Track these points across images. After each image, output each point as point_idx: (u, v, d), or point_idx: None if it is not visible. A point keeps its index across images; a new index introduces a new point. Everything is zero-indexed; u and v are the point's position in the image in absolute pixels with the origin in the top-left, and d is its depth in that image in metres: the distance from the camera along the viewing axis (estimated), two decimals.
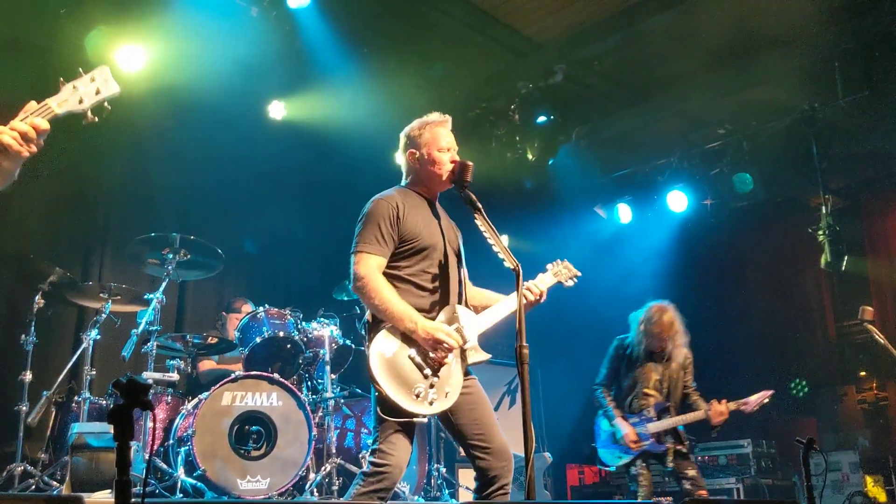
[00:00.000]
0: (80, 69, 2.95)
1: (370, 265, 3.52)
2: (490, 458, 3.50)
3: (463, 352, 3.56)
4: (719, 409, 5.85)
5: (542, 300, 3.83)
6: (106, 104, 2.94)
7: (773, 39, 7.62)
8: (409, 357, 3.45)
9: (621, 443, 5.94)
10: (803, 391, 9.58)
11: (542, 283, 3.86)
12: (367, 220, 3.60)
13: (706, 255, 10.31)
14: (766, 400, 6.01)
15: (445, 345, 3.41)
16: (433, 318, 3.57)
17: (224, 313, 7.05)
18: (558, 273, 4.00)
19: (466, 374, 3.64)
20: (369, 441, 3.54)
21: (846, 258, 7.94)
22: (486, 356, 3.62)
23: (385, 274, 3.58)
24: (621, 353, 6.25)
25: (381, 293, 3.46)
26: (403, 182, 3.89)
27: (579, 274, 4.10)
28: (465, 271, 3.89)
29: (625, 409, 6.07)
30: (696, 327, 9.73)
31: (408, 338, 3.47)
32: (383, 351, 3.44)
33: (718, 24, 7.49)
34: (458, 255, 3.81)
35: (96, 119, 2.92)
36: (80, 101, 2.90)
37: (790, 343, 10.03)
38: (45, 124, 2.76)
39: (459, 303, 3.72)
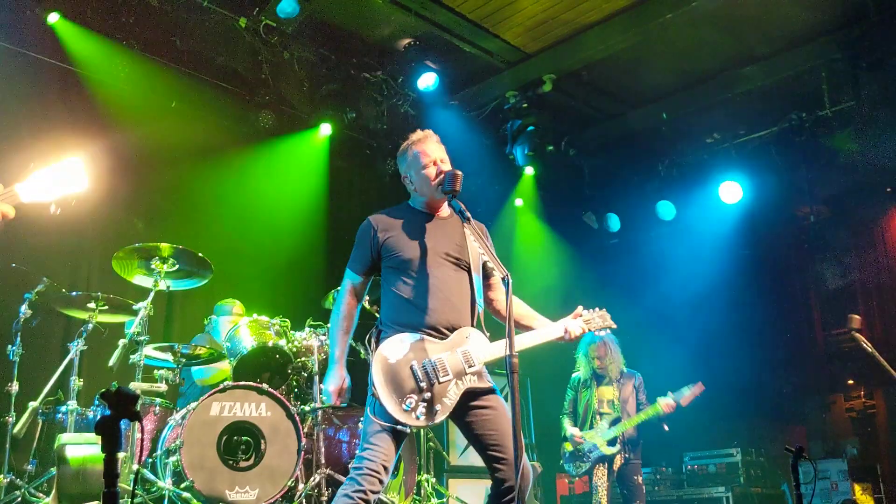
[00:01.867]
0: (52, 160, 2.90)
1: (345, 284, 3.82)
2: (507, 469, 3.54)
3: (465, 375, 3.57)
4: (667, 402, 6.61)
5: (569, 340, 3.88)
6: (72, 202, 2.92)
7: (761, 50, 7.68)
8: (411, 367, 3.50)
9: (572, 443, 6.86)
10: None
11: (575, 330, 3.85)
12: (355, 242, 3.86)
13: (692, 265, 10.34)
14: (699, 393, 6.71)
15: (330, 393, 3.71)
16: (426, 334, 3.59)
17: (214, 316, 7.00)
18: (590, 321, 3.97)
19: (490, 391, 3.69)
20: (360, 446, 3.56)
21: (833, 267, 7.99)
22: (487, 384, 3.64)
23: (384, 291, 3.77)
24: (576, 385, 7.12)
25: (335, 313, 3.80)
26: (410, 200, 3.96)
27: (614, 326, 4.07)
28: (494, 279, 3.91)
29: (584, 428, 6.91)
30: (683, 337, 9.81)
31: (415, 348, 3.53)
32: (388, 356, 3.52)
33: (707, 35, 7.55)
34: (466, 269, 3.78)
35: (59, 211, 2.90)
36: (47, 193, 2.87)
37: (778, 352, 10.06)
38: (11, 213, 2.75)
39: (471, 317, 3.72)
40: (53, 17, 6.60)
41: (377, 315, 4.32)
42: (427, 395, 3.47)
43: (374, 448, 3.47)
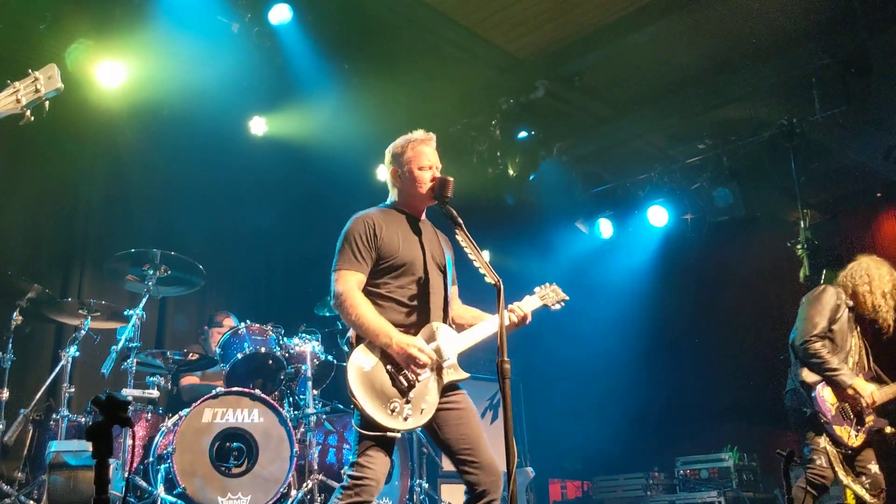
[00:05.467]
0: (30, 70, 2.87)
1: (348, 282, 3.57)
2: (478, 473, 3.50)
3: (441, 369, 3.56)
4: None
5: (526, 322, 3.85)
6: (45, 102, 2.87)
7: (751, 56, 7.71)
8: (387, 372, 3.45)
9: (860, 404, 5.08)
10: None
11: (526, 306, 3.87)
12: (345, 239, 3.67)
13: (686, 269, 10.38)
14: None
15: (419, 361, 3.42)
16: (414, 335, 3.57)
17: (206, 327, 7.03)
18: (545, 296, 4.03)
19: (455, 388, 3.64)
20: (351, 456, 3.53)
21: (825, 272, 8.00)
22: (464, 375, 3.62)
23: (366, 292, 3.63)
24: (842, 309, 5.48)
25: (357, 308, 3.50)
26: (389, 199, 3.92)
27: (567, 298, 4.13)
28: (454, 289, 3.92)
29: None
30: (676, 342, 9.83)
31: (386, 353, 3.47)
32: (361, 365, 3.45)
33: (698, 42, 7.58)
34: (444, 272, 3.81)
35: (32, 119, 2.86)
36: (18, 101, 2.84)
37: (771, 356, 10.08)
38: None
39: (444, 320, 3.72)
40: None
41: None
42: (410, 395, 3.45)
43: (369, 458, 3.42)
